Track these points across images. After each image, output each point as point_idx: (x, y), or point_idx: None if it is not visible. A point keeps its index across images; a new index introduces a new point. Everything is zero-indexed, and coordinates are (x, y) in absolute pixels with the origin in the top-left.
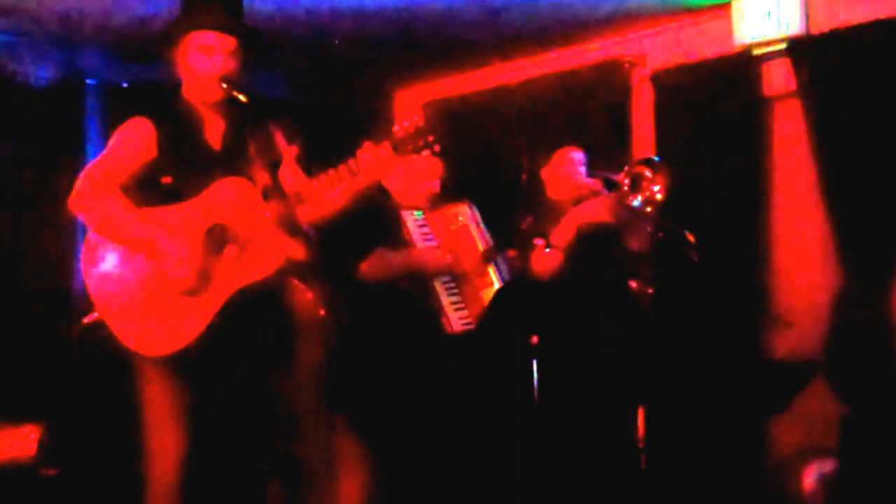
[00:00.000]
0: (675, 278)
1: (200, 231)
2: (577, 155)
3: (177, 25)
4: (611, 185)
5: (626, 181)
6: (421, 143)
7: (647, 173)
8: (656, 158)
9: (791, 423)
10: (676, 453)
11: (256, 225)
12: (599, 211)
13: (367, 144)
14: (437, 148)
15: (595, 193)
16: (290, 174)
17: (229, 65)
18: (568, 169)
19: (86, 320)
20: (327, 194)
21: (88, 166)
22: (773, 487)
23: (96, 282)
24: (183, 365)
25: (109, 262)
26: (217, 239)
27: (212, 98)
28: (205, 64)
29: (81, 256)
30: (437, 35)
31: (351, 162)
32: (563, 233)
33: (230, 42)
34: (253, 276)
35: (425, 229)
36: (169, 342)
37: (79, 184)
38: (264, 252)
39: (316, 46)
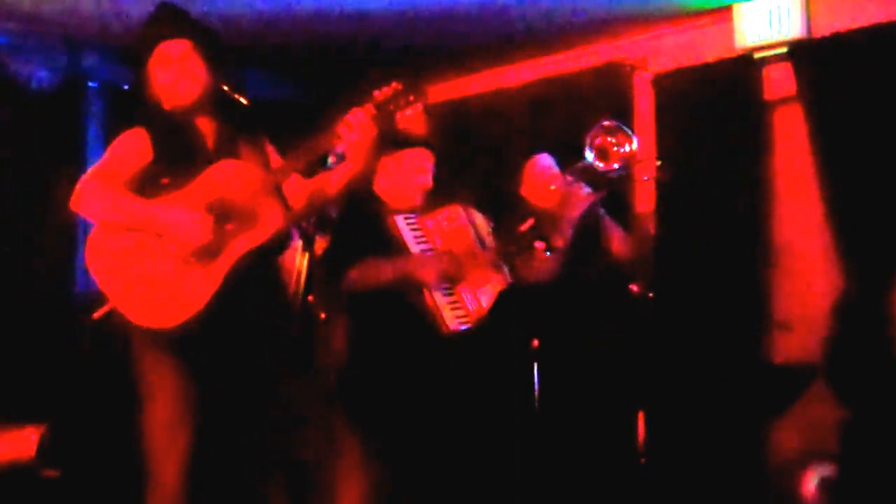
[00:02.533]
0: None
1: (201, 207)
2: (544, 160)
3: (139, 49)
4: (586, 171)
5: (596, 159)
6: (402, 103)
7: (610, 139)
8: (609, 122)
9: (791, 428)
10: (676, 457)
11: (253, 195)
12: (581, 200)
13: (354, 110)
14: (419, 106)
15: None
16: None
17: (190, 66)
18: (541, 178)
19: (95, 315)
20: (322, 182)
21: (87, 171)
22: (773, 492)
23: (102, 270)
24: (193, 339)
25: (113, 249)
26: (217, 212)
27: (181, 103)
28: (167, 73)
29: (86, 252)
30: (439, 37)
31: (337, 127)
32: (564, 234)
33: (185, 45)
34: (255, 241)
35: (418, 233)
36: (178, 312)
37: (79, 185)
38: (263, 218)
39: (319, 49)
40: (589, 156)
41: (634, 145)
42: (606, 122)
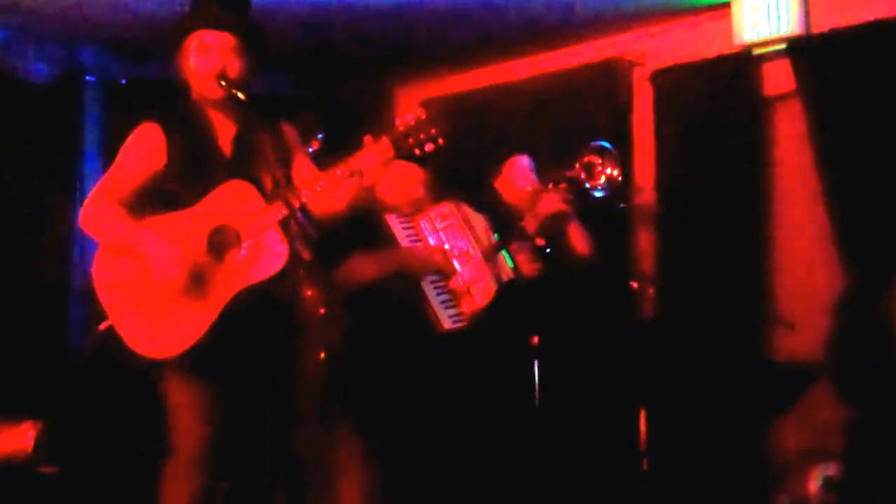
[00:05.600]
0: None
1: (204, 234)
2: (525, 161)
3: (180, 27)
4: (566, 180)
5: (582, 173)
6: (423, 137)
7: (598, 160)
8: (603, 144)
9: (795, 426)
10: (679, 456)
11: (259, 227)
12: (551, 203)
13: (367, 140)
14: (441, 142)
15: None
16: (303, 170)
17: (228, 62)
18: (519, 176)
19: (101, 328)
20: (330, 193)
21: (100, 181)
22: (777, 491)
23: (107, 290)
24: (190, 365)
25: (118, 270)
26: (220, 241)
27: (212, 96)
28: (202, 62)
29: (94, 266)
30: (439, 32)
31: (351, 160)
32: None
33: (229, 39)
34: (256, 276)
35: (410, 231)
36: (174, 344)
37: (88, 200)
38: (267, 253)
39: (318, 43)
40: (576, 169)
41: (618, 173)
42: (600, 144)
